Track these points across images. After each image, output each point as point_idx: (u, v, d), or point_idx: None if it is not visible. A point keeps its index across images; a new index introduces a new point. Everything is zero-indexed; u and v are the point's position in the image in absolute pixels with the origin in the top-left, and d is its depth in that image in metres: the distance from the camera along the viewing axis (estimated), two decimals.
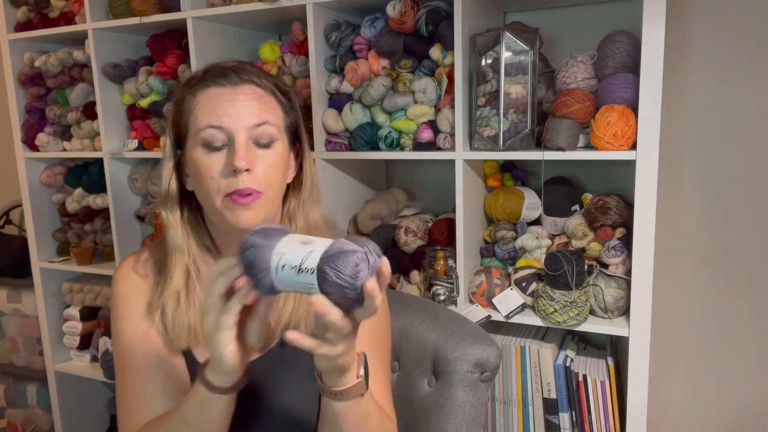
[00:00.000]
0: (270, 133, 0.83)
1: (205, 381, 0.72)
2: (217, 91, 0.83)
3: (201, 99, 0.83)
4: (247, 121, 0.81)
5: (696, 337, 1.59)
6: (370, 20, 1.47)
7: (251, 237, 0.64)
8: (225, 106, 0.82)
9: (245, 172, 0.80)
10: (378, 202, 1.65)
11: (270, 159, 0.83)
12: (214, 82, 0.83)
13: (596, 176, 1.57)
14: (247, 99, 0.83)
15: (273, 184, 0.84)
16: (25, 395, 2.28)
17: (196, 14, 1.59)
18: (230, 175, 0.80)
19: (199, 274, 0.88)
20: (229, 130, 0.81)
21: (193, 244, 0.89)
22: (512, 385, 1.44)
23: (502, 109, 1.31)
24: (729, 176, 1.50)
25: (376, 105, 1.48)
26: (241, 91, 0.83)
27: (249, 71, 0.85)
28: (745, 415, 1.56)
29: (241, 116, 0.81)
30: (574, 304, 1.28)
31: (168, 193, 0.88)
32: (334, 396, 0.72)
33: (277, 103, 0.87)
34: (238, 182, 0.80)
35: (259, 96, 0.84)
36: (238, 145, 0.80)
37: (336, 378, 0.71)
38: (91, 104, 1.84)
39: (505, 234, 1.46)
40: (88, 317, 2.05)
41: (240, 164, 0.79)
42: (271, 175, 0.83)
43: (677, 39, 1.47)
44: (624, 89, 1.27)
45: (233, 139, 0.81)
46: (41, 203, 2.05)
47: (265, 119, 0.83)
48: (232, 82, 0.83)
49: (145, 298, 0.90)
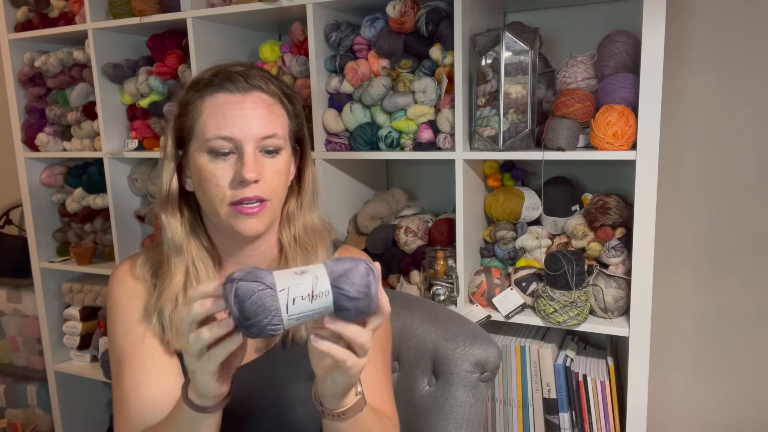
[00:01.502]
0: (277, 144, 0.83)
1: (188, 401, 0.71)
2: (225, 98, 0.82)
3: (209, 104, 0.83)
4: (256, 132, 0.81)
5: (696, 337, 1.59)
6: (370, 20, 1.47)
7: (244, 284, 0.59)
8: (235, 115, 0.81)
9: (253, 183, 0.80)
10: (378, 202, 1.65)
11: (275, 167, 0.84)
12: (222, 88, 0.83)
13: (596, 176, 1.57)
14: (255, 108, 0.82)
15: (278, 191, 0.85)
16: (25, 395, 2.28)
17: (196, 14, 1.59)
18: (238, 186, 0.81)
19: (198, 275, 0.88)
20: (237, 140, 0.81)
21: (192, 245, 0.89)
22: (512, 385, 1.44)
23: (502, 109, 1.31)
24: (729, 176, 1.50)
25: (376, 105, 1.48)
26: (250, 99, 0.83)
27: (257, 76, 0.84)
28: (745, 415, 1.56)
29: (252, 127, 0.81)
30: (574, 304, 1.28)
31: (168, 193, 0.88)
32: (336, 418, 0.73)
33: (283, 111, 0.87)
34: (245, 192, 0.80)
35: (268, 105, 0.84)
36: (247, 156, 0.80)
37: (339, 400, 0.71)
38: (91, 104, 1.84)
39: (505, 234, 1.46)
40: (88, 317, 2.05)
41: (249, 176, 0.79)
42: (276, 183, 0.84)
43: (677, 39, 1.47)
44: (624, 89, 1.27)
45: (241, 149, 0.81)
46: (41, 203, 2.05)
47: (273, 131, 0.83)
48: (241, 89, 0.83)
49: (141, 302, 0.90)
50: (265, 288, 0.59)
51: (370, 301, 0.62)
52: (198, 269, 0.88)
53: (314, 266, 0.63)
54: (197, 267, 0.88)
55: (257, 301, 0.59)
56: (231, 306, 0.60)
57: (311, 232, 0.93)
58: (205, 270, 0.88)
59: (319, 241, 0.93)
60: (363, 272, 0.61)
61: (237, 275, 0.61)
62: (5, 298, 2.21)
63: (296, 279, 0.60)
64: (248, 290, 0.59)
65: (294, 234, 0.92)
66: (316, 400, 0.74)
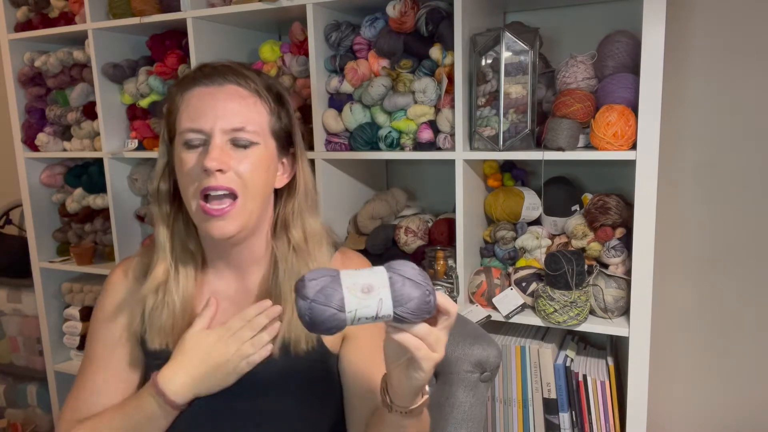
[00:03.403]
0: (247, 137, 0.82)
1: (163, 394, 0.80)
2: (201, 91, 0.83)
3: (186, 98, 0.84)
4: (225, 124, 0.81)
5: (696, 337, 1.59)
6: (370, 20, 1.47)
7: (318, 308, 0.63)
8: (205, 106, 0.81)
9: (218, 173, 0.80)
10: (378, 202, 1.65)
11: (247, 160, 0.82)
12: (200, 82, 0.83)
13: (596, 176, 1.57)
14: (227, 101, 0.82)
15: (250, 186, 0.82)
16: (25, 395, 2.28)
17: (196, 14, 1.59)
18: (202, 175, 0.80)
19: (177, 275, 0.88)
20: (206, 131, 0.81)
21: (177, 245, 0.89)
22: (512, 385, 1.44)
23: (502, 109, 1.31)
24: (729, 176, 1.50)
25: (376, 105, 1.48)
26: (223, 92, 0.83)
27: (236, 71, 0.84)
28: (745, 415, 1.56)
29: (219, 117, 0.81)
30: (574, 304, 1.28)
31: (157, 190, 0.89)
32: (405, 415, 0.74)
33: (262, 106, 0.85)
34: (210, 181, 0.80)
35: (242, 97, 0.83)
36: (212, 145, 0.80)
37: (412, 398, 0.72)
38: (91, 104, 1.84)
39: (505, 234, 1.46)
40: (88, 317, 2.02)
41: (210, 164, 0.78)
42: (247, 177, 0.82)
43: (677, 39, 1.47)
44: (624, 89, 1.27)
45: (209, 139, 0.81)
46: (41, 203, 2.05)
47: (242, 124, 0.82)
48: (217, 83, 0.83)
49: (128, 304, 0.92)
50: (336, 312, 0.63)
51: (429, 308, 0.65)
52: (178, 270, 0.88)
53: (378, 279, 0.64)
54: (177, 268, 0.89)
55: (326, 322, 0.63)
56: (300, 311, 0.64)
57: (311, 237, 0.91)
58: (185, 271, 0.89)
59: (318, 247, 0.91)
60: (424, 297, 0.64)
61: (310, 293, 0.63)
62: (5, 298, 2.21)
63: (364, 301, 0.63)
64: (320, 313, 0.63)
65: (291, 238, 0.90)
66: (384, 396, 0.75)
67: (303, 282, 0.64)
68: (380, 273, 0.65)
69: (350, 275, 0.64)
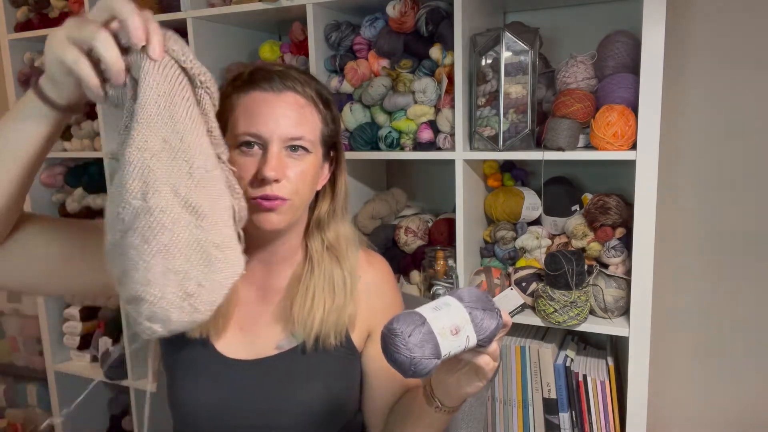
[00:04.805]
0: (304, 146, 0.84)
1: (39, 90, 0.64)
2: (258, 96, 0.83)
3: (243, 101, 0.84)
4: (283, 132, 0.82)
5: (696, 337, 1.59)
6: (370, 20, 1.47)
7: (419, 360, 0.65)
8: (265, 113, 0.82)
9: (274, 182, 0.81)
10: (378, 202, 1.65)
11: (300, 168, 0.84)
12: (257, 86, 0.83)
13: (596, 176, 1.57)
14: (286, 109, 0.83)
15: (300, 191, 0.85)
16: (25, 395, 2.28)
17: (196, 14, 1.58)
18: (259, 183, 0.81)
19: None
20: (264, 138, 0.81)
21: None
22: (512, 385, 1.44)
23: (502, 109, 1.31)
24: (729, 176, 1.50)
25: (376, 105, 1.48)
26: (282, 99, 0.83)
27: (294, 78, 0.85)
28: (745, 415, 1.56)
29: (279, 126, 0.82)
30: (574, 304, 1.28)
31: None
32: (447, 412, 0.81)
33: (317, 114, 0.87)
34: (266, 190, 0.81)
35: (300, 106, 0.84)
36: (271, 154, 0.81)
37: (463, 399, 0.79)
38: (91, 104, 1.84)
39: (505, 234, 1.46)
40: (88, 317, 2.05)
41: (269, 174, 0.80)
42: (299, 184, 0.84)
43: (677, 39, 1.47)
44: (624, 89, 1.27)
45: (267, 146, 0.81)
46: (41, 203, 2.05)
47: (301, 134, 0.83)
48: (275, 89, 0.83)
49: None
50: (435, 361, 0.66)
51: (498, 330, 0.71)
52: None
53: (460, 317, 0.67)
54: None
55: (425, 370, 0.66)
56: (402, 366, 0.67)
57: (344, 240, 0.94)
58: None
59: (350, 248, 0.94)
60: (499, 324, 0.70)
61: (413, 350, 0.65)
62: (5, 298, 2.21)
63: (454, 342, 0.67)
64: (423, 367, 0.66)
65: (324, 240, 0.93)
66: (428, 397, 0.81)
67: (399, 337, 0.65)
68: (459, 310, 0.68)
69: (435, 317, 0.67)
